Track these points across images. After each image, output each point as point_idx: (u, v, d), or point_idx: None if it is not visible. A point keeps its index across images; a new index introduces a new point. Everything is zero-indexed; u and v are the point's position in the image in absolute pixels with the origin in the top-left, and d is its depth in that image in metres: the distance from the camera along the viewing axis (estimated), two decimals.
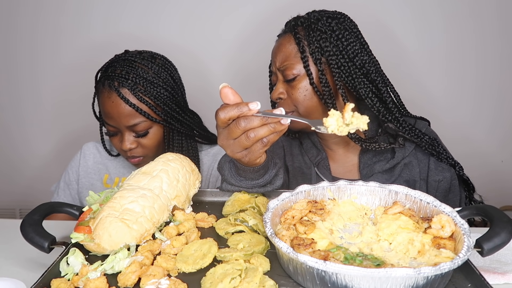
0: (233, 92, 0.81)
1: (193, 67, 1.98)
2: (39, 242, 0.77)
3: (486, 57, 1.99)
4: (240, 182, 0.99)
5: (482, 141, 2.10)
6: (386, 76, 1.24)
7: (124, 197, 0.83)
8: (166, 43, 1.96)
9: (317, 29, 1.17)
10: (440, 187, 1.22)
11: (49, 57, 2.14)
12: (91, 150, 1.54)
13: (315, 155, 1.31)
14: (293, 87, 1.19)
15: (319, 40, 1.16)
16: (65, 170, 1.55)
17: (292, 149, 1.38)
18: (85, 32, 2.08)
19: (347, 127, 0.78)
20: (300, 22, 1.20)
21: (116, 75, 1.29)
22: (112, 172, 1.51)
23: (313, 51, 1.16)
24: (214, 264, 0.74)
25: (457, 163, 1.23)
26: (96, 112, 1.44)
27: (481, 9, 1.94)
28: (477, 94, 2.05)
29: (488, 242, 0.69)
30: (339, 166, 1.31)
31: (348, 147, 1.31)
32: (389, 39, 1.99)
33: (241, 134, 0.82)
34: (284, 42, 1.22)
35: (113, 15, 2.04)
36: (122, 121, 1.30)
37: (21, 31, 2.11)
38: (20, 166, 2.33)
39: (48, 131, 2.27)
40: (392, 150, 1.23)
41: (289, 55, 1.19)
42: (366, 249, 0.75)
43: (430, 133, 1.29)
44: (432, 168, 1.22)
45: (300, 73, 1.18)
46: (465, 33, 1.97)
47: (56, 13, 2.06)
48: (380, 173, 1.22)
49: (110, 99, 1.29)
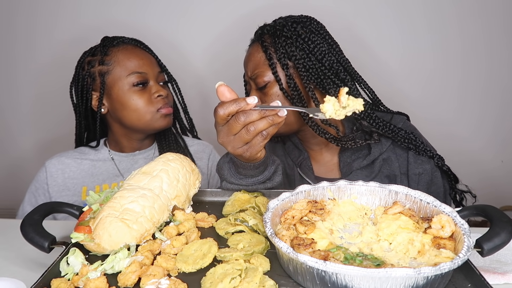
0: (229, 90, 0.83)
1: (178, 59, 2.00)
2: (39, 242, 0.77)
3: (471, 55, 2.01)
4: (240, 180, 0.99)
5: (468, 139, 2.13)
6: (358, 74, 1.25)
7: (124, 197, 0.83)
8: (153, 35, 1.97)
9: (282, 35, 1.19)
10: (421, 180, 1.22)
11: (24, 52, 2.14)
12: (58, 166, 1.41)
13: (297, 155, 1.34)
14: (266, 94, 1.21)
15: (285, 45, 1.18)
16: (29, 194, 1.41)
17: (276, 152, 1.40)
18: (76, 16, 2.08)
19: (344, 110, 0.80)
20: (266, 30, 1.23)
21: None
22: (97, 178, 1.42)
23: (279, 57, 1.18)
24: (214, 264, 0.74)
25: (435, 155, 1.23)
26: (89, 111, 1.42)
27: (464, 6, 1.95)
28: (461, 92, 2.07)
29: (488, 242, 0.69)
30: (320, 166, 1.33)
31: (328, 146, 1.32)
32: (373, 38, 2.01)
33: (241, 129, 0.83)
34: (253, 52, 1.24)
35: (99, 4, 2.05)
36: (154, 68, 1.40)
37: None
38: (21, 165, 2.33)
39: (45, 128, 2.27)
40: (369, 146, 1.24)
41: (258, 63, 1.21)
42: (366, 249, 0.75)
43: (407, 127, 1.29)
44: (412, 161, 1.23)
45: (270, 80, 1.20)
46: (450, 31, 1.99)
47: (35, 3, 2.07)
48: (359, 170, 1.23)
49: (138, 51, 1.40)
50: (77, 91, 1.40)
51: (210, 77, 2.13)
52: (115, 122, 1.42)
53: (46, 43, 2.13)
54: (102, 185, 1.41)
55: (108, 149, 1.47)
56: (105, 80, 1.35)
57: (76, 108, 1.43)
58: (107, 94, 1.37)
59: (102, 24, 2.03)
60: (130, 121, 1.36)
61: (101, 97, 1.36)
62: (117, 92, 1.35)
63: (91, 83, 1.37)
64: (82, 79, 1.37)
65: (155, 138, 1.52)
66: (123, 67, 1.34)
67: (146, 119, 1.36)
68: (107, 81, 1.35)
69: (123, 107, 1.35)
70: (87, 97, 1.38)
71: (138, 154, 1.48)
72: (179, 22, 2.07)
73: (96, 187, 1.41)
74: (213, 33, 2.08)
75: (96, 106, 1.39)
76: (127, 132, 1.43)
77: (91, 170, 1.43)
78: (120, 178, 1.43)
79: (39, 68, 2.16)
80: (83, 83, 1.37)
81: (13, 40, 2.14)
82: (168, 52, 1.71)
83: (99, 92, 1.36)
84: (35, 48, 2.14)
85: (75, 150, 1.47)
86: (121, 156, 1.46)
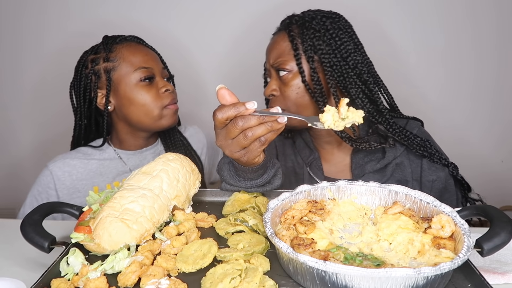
0: (229, 93, 0.82)
1: (182, 61, 2.01)
2: (39, 242, 0.77)
3: (483, 57, 1.99)
4: (239, 182, 0.99)
5: (479, 142, 2.10)
6: (379, 77, 1.24)
7: (124, 197, 0.83)
8: (151, 34, 1.97)
9: (311, 27, 1.17)
10: (434, 187, 1.22)
11: (33, 44, 2.14)
12: (64, 168, 1.37)
13: (308, 155, 1.32)
14: (286, 84, 1.19)
15: (313, 38, 1.16)
16: (30, 197, 1.37)
17: (285, 149, 1.38)
18: (74, 17, 2.08)
19: (343, 121, 0.79)
20: (294, 21, 1.21)
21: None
22: (107, 176, 1.41)
23: (306, 49, 1.16)
24: (214, 264, 0.74)
25: (450, 163, 1.22)
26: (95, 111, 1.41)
27: (478, 10, 1.94)
28: (474, 95, 2.05)
29: (488, 242, 0.69)
30: (331, 166, 1.32)
31: (340, 147, 1.31)
32: (385, 40, 2.00)
33: (239, 134, 0.82)
34: (278, 40, 1.22)
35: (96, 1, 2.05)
36: (158, 63, 1.41)
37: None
38: (21, 164, 2.33)
39: (46, 128, 2.27)
40: (383, 149, 1.23)
41: (282, 52, 1.20)
42: (366, 249, 0.75)
43: (422, 133, 1.28)
44: (425, 168, 1.22)
45: (292, 70, 1.18)
46: (462, 34, 1.97)
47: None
48: (371, 173, 1.22)
49: (142, 47, 1.40)
50: (78, 92, 1.38)
51: (209, 76, 2.13)
52: (120, 120, 1.41)
53: (46, 43, 2.13)
54: (112, 183, 1.41)
55: (113, 148, 1.46)
56: (111, 76, 1.34)
57: (77, 109, 1.41)
58: (114, 90, 1.36)
59: (99, 27, 2.01)
60: (137, 117, 1.36)
61: (108, 94, 1.35)
62: (124, 88, 1.34)
63: (96, 81, 1.36)
64: (86, 78, 1.36)
65: (159, 135, 1.53)
66: (129, 63, 1.34)
67: (153, 115, 1.35)
68: (113, 78, 1.34)
69: (131, 103, 1.34)
70: (91, 96, 1.37)
71: (145, 150, 1.48)
72: (180, 22, 2.07)
73: (107, 186, 1.40)
74: (214, 33, 2.08)
75: (103, 104, 1.38)
76: (132, 130, 1.42)
77: (99, 170, 1.41)
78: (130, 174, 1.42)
79: (40, 67, 2.17)
80: (86, 81, 1.36)
81: (13, 39, 2.14)
82: (167, 50, 1.71)
83: (106, 89, 1.35)
84: (36, 48, 2.14)
85: (77, 151, 1.44)
86: (128, 154, 1.45)
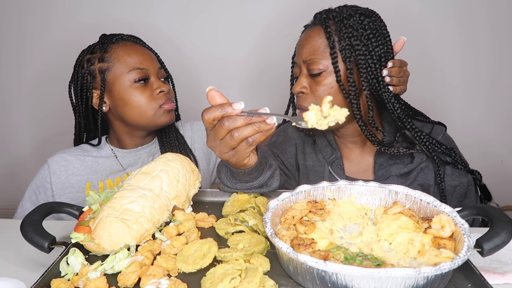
0: (219, 95, 0.81)
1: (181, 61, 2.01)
2: (39, 242, 0.77)
3: (501, 58, 1.98)
4: (235, 184, 0.99)
5: (494, 142, 2.10)
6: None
7: (124, 197, 0.83)
8: (156, 33, 1.98)
9: (349, 25, 1.11)
10: (456, 192, 1.20)
11: (33, 43, 2.14)
12: (61, 163, 1.39)
13: (330, 153, 1.29)
14: (318, 83, 1.15)
15: (351, 37, 1.11)
16: (29, 191, 1.39)
17: (305, 147, 1.35)
18: (75, 14, 2.08)
19: (325, 119, 0.77)
20: (332, 16, 1.15)
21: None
22: (101, 174, 1.42)
23: (343, 48, 1.11)
24: (214, 264, 0.74)
25: (475, 171, 1.20)
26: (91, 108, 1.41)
27: (497, 10, 1.93)
28: (490, 95, 2.05)
29: (488, 242, 0.69)
30: (353, 166, 1.29)
31: (364, 147, 1.28)
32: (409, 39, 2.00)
33: (226, 134, 0.82)
34: (313, 35, 1.16)
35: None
36: (154, 64, 1.39)
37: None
38: (21, 163, 2.33)
39: (46, 127, 2.27)
40: (411, 154, 1.21)
41: (317, 49, 1.14)
42: (366, 249, 0.75)
43: (446, 139, 1.26)
44: (449, 173, 1.20)
45: (326, 69, 1.13)
46: (480, 34, 1.96)
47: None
48: (396, 176, 1.20)
49: (138, 47, 1.39)
50: (76, 90, 1.39)
51: (210, 73, 2.13)
52: (117, 120, 1.41)
53: (46, 42, 2.13)
54: (105, 181, 1.41)
55: (110, 146, 1.47)
56: (105, 77, 1.34)
57: (76, 107, 1.42)
58: (108, 91, 1.36)
59: (100, 23, 2.03)
60: (132, 118, 1.36)
61: (102, 95, 1.35)
62: (118, 89, 1.34)
63: (91, 81, 1.36)
64: (82, 78, 1.36)
65: (156, 133, 1.53)
66: (124, 64, 1.34)
67: (148, 116, 1.35)
68: (108, 78, 1.34)
69: (125, 104, 1.34)
70: (87, 95, 1.38)
71: (140, 149, 1.48)
72: (180, 22, 2.07)
73: (99, 183, 1.40)
74: (213, 33, 2.08)
75: (97, 104, 1.38)
76: (129, 130, 1.43)
77: (94, 167, 1.42)
78: (123, 173, 1.43)
79: (40, 65, 2.17)
80: (82, 81, 1.36)
81: (13, 39, 2.14)
82: (166, 49, 1.71)
83: (100, 90, 1.35)
84: (36, 47, 2.15)
85: (76, 148, 1.46)
86: (123, 153, 1.46)
